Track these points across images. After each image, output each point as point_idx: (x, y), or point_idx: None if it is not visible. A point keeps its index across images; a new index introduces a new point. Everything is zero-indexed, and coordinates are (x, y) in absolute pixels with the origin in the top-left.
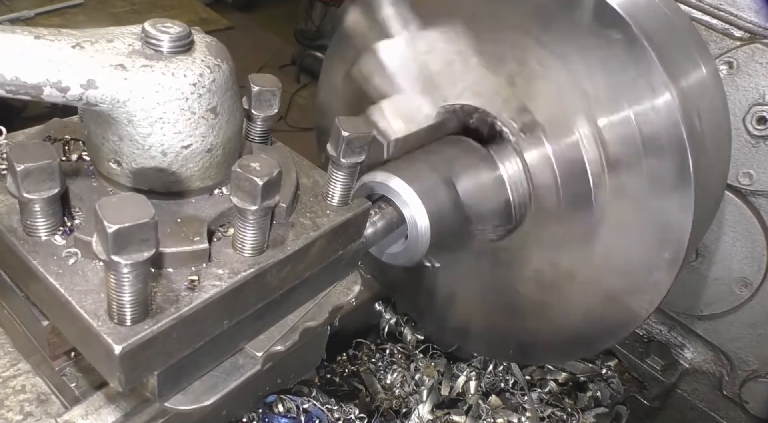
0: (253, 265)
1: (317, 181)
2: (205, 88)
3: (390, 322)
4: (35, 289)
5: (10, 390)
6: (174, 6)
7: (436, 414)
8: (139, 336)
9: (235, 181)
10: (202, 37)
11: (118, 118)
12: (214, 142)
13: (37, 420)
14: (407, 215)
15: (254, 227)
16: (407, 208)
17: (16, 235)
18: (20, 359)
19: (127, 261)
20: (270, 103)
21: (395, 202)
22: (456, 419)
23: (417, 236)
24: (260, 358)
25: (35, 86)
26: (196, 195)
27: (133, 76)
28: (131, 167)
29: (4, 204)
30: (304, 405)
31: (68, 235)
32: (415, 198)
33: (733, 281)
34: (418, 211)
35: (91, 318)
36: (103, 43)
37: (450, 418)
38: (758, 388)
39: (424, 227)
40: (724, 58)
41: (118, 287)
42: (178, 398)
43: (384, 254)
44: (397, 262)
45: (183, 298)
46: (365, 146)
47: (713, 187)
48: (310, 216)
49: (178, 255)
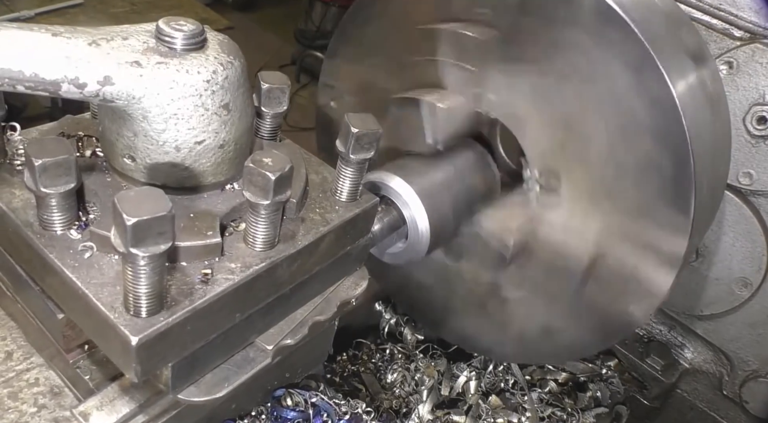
0: (265, 259)
1: (326, 177)
2: (218, 84)
3: (390, 322)
4: (51, 282)
5: (24, 383)
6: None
7: (436, 414)
8: (155, 327)
9: (247, 176)
10: (214, 34)
11: (133, 114)
12: (227, 138)
13: (51, 412)
14: (407, 216)
15: (266, 222)
16: (407, 209)
17: (32, 230)
18: (33, 353)
19: (145, 253)
20: (279, 100)
21: (396, 202)
22: (456, 419)
23: (417, 237)
24: (270, 351)
25: (53, 82)
26: (208, 190)
27: (149, 73)
28: (145, 163)
29: (20, 199)
30: (312, 399)
31: (83, 230)
32: (416, 198)
33: (733, 281)
34: (419, 211)
35: (108, 310)
36: (118, 41)
37: (450, 418)
38: (758, 388)
39: (424, 228)
40: (724, 58)
41: (135, 279)
42: (190, 390)
43: (385, 254)
44: (398, 263)
45: (197, 290)
46: (374, 142)
47: (713, 187)
48: (320, 211)
49: (191, 249)
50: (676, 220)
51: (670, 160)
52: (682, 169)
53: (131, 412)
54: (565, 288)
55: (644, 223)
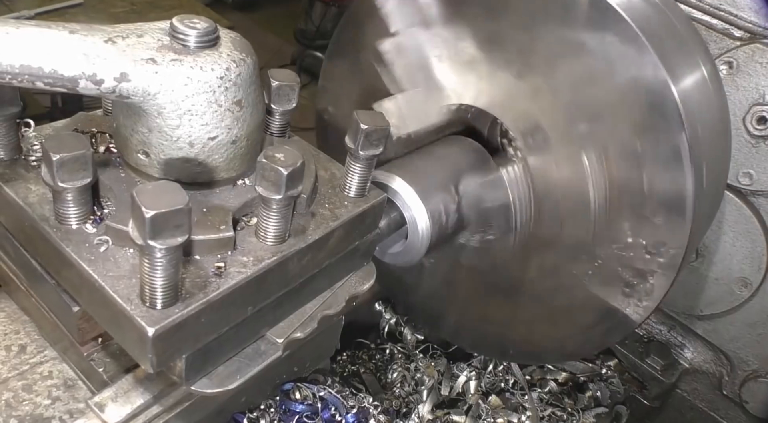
0: (276, 253)
1: (334, 173)
2: (231, 81)
3: (390, 322)
4: (67, 275)
5: (38, 376)
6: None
7: (436, 414)
8: (171, 319)
9: (260, 171)
10: (226, 32)
11: (148, 110)
12: (239, 133)
13: (65, 404)
14: (408, 216)
15: (278, 216)
16: (408, 210)
17: (48, 224)
18: (46, 346)
19: (162, 245)
20: (289, 97)
21: (396, 202)
22: (456, 419)
23: (417, 237)
24: (281, 344)
25: (71, 79)
26: (220, 186)
27: (164, 70)
28: (159, 158)
29: (36, 194)
30: (320, 393)
31: (98, 224)
32: (416, 199)
33: (733, 281)
34: (419, 212)
35: (125, 302)
36: (133, 38)
37: (450, 418)
38: (758, 388)
39: (424, 228)
40: (724, 58)
41: (151, 271)
42: (203, 382)
43: (385, 255)
44: (398, 263)
45: (211, 283)
46: (383, 139)
47: (713, 187)
48: (329, 207)
49: (205, 242)
50: (674, 224)
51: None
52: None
53: (145, 403)
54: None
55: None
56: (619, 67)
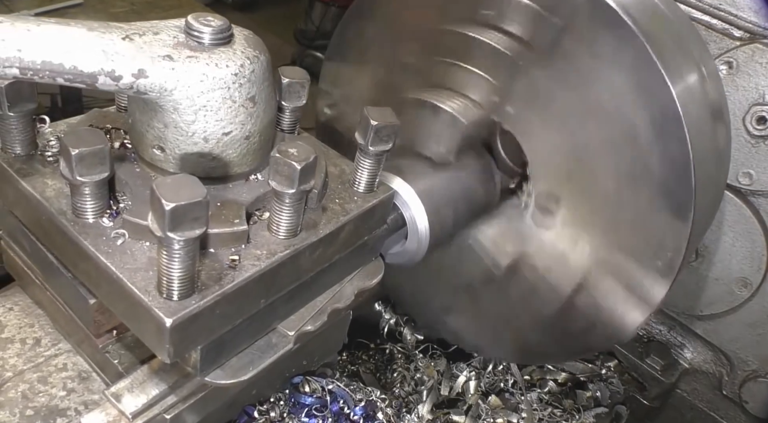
0: (289, 246)
1: (344, 169)
2: (246, 78)
3: (390, 322)
4: (85, 268)
5: (53, 368)
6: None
7: (435, 414)
8: (188, 310)
9: (274, 166)
10: (239, 30)
11: (164, 106)
12: (252, 129)
13: (80, 396)
14: (407, 217)
15: (290, 210)
16: (408, 210)
17: (66, 218)
18: (60, 339)
19: (181, 237)
20: (299, 94)
21: (396, 202)
22: (456, 419)
23: (417, 238)
24: (292, 337)
25: (91, 75)
26: (233, 181)
27: (180, 67)
28: (174, 153)
29: (53, 188)
30: (329, 386)
31: (115, 218)
32: (416, 199)
33: (733, 281)
34: (419, 212)
35: (142, 293)
36: (150, 36)
37: (450, 418)
38: (758, 388)
39: (423, 229)
40: (724, 58)
41: (169, 263)
42: (217, 373)
43: (387, 255)
44: (398, 263)
45: (226, 275)
46: (392, 135)
47: (713, 188)
48: (339, 202)
49: (220, 235)
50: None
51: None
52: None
53: (161, 393)
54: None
55: (632, 264)
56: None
